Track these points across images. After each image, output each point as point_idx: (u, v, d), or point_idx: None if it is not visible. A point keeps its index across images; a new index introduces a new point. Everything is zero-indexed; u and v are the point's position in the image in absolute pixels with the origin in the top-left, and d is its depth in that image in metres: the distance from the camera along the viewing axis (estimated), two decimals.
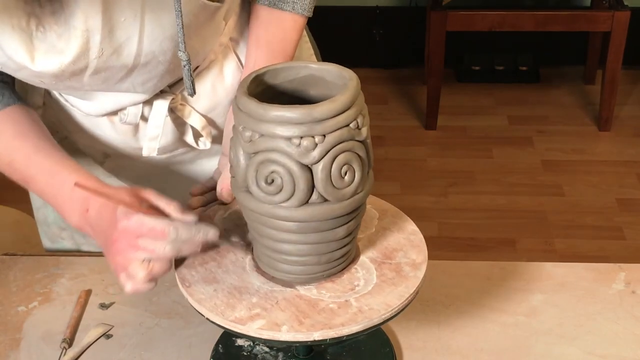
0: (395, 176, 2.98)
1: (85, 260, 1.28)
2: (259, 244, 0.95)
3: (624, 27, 2.98)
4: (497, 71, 3.54)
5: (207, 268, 0.96)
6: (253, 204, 0.89)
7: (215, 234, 0.96)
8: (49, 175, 1.05)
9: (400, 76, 3.61)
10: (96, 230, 1.00)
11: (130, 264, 0.94)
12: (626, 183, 2.93)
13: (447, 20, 3.04)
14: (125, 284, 0.95)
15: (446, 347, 1.10)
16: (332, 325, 0.88)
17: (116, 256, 0.95)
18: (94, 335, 1.13)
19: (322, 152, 0.85)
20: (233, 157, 0.90)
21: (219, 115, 1.23)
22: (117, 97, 1.14)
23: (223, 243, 0.99)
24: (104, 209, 0.98)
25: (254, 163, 0.87)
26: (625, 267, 1.23)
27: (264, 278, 0.95)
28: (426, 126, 3.27)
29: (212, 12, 1.07)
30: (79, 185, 0.97)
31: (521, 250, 2.63)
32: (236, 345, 1.10)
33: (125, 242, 0.94)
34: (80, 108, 1.18)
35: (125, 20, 0.98)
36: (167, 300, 1.18)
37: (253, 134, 0.86)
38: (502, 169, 3.02)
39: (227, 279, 0.95)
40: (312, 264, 0.93)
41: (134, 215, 0.93)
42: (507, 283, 1.20)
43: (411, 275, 0.94)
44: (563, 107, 3.38)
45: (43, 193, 1.07)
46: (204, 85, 1.19)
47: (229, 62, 1.21)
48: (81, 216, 1.01)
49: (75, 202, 1.01)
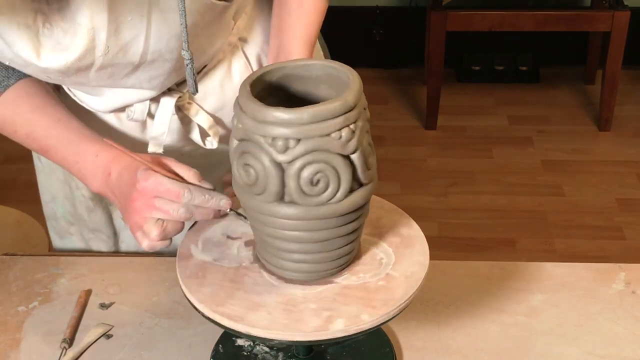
0: (395, 176, 2.98)
1: (85, 260, 1.28)
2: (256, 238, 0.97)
3: (624, 27, 2.98)
4: (497, 71, 3.54)
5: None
6: (237, 192, 0.92)
7: (228, 203, 1.00)
8: (70, 144, 1.08)
9: (400, 76, 3.61)
10: (116, 192, 1.04)
11: (146, 223, 0.98)
12: (626, 183, 2.93)
13: (447, 20, 3.04)
14: (141, 241, 1.00)
15: (446, 347, 1.10)
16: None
17: (134, 215, 0.99)
18: (94, 335, 1.13)
19: (294, 156, 0.85)
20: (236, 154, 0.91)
21: (227, 114, 1.23)
22: (124, 94, 1.15)
23: (233, 213, 1.02)
24: (125, 171, 1.02)
25: (237, 153, 0.89)
26: (625, 267, 1.23)
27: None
28: (426, 126, 3.27)
29: (220, 11, 1.07)
30: (108, 142, 1.03)
31: (521, 250, 2.63)
32: (236, 345, 1.10)
33: (142, 201, 0.98)
34: (88, 104, 1.19)
35: (132, 19, 0.99)
36: (167, 300, 1.18)
37: (237, 123, 0.88)
38: (502, 169, 3.02)
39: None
40: (309, 261, 0.93)
41: (152, 176, 0.97)
42: (507, 283, 1.20)
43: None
44: (563, 107, 3.38)
45: (64, 161, 1.10)
46: (211, 84, 1.20)
47: (237, 62, 1.21)
48: (103, 180, 1.05)
49: (98, 168, 1.05)
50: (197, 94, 1.15)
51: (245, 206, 0.93)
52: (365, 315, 0.90)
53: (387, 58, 3.61)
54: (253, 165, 0.87)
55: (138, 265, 1.25)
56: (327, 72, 0.92)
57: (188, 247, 1.00)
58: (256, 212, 0.91)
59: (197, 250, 1.00)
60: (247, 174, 0.88)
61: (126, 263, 1.26)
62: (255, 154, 0.86)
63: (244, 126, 0.87)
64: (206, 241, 1.01)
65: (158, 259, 1.26)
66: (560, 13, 3.09)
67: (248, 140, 0.87)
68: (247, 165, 0.88)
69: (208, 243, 1.01)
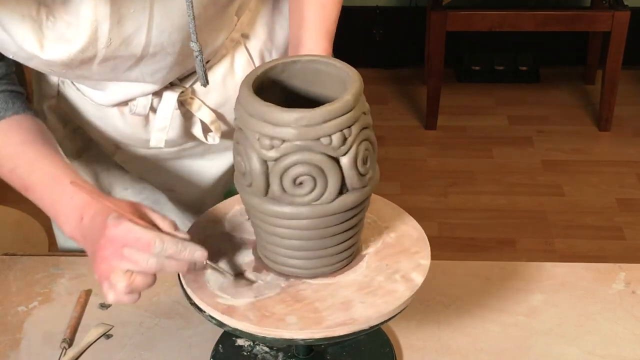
0: (395, 176, 2.97)
1: (85, 260, 1.27)
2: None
3: (624, 27, 2.98)
4: (497, 71, 3.54)
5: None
6: (236, 181, 0.93)
7: (203, 255, 0.92)
8: (50, 181, 1.04)
9: (400, 76, 3.60)
10: (87, 238, 0.97)
11: (113, 273, 0.91)
12: (626, 183, 2.93)
13: (447, 20, 3.04)
14: (107, 294, 0.92)
15: (446, 347, 1.10)
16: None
17: (101, 264, 0.92)
18: (94, 335, 1.13)
19: (279, 155, 0.85)
20: (234, 142, 0.92)
21: (229, 110, 1.23)
22: (127, 87, 1.15)
23: (209, 267, 0.95)
24: (98, 216, 0.95)
25: (234, 142, 0.90)
26: (625, 267, 1.23)
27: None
28: (426, 126, 3.27)
29: (223, 5, 1.08)
30: (75, 183, 0.96)
31: (521, 250, 2.63)
32: (236, 345, 1.10)
33: (111, 250, 0.91)
34: (92, 98, 1.20)
35: (135, 11, 0.99)
36: (167, 300, 1.18)
37: (235, 112, 0.88)
38: (502, 169, 3.02)
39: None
40: (281, 254, 0.94)
41: (123, 223, 0.91)
42: (507, 283, 1.20)
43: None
44: (563, 107, 3.38)
45: (42, 200, 1.05)
46: (214, 79, 1.20)
47: (239, 57, 1.22)
48: (76, 224, 0.99)
49: (72, 210, 0.99)
50: (199, 88, 1.15)
51: (240, 197, 0.93)
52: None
53: (387, 58, 3.61)
54: (242, 157, 0.88)
55: None
56: (329, 70, 0.92)
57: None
58: (247, 205, 0.92)
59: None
60: (238, 165, 0.89)
61: None
62: (245, 147, 0.87)
63: (240, 117, 0.88)
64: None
65: None
66: (560, 13, 3.09)
67: (242, 131, 0.88)
68: (239, 156, 0.89)
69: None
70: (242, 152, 0.88)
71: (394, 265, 0.96)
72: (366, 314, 0.89)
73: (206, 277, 0.95)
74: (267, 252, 0.95)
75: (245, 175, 0.88)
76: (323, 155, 0.85)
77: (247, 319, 0.90)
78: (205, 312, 0.93)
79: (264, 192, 0.88)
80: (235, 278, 0.95)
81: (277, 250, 0.93)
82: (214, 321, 0.92)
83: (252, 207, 0.91)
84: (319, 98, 0.93)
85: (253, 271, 0.96)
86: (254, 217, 0.93)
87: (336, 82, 0.91)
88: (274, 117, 0.84)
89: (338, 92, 0.88)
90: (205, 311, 0.93)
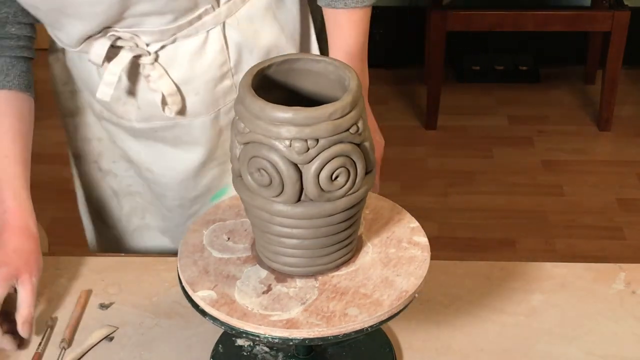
0: (395, 176, 2.97)
1: (85, 260, 1.28)
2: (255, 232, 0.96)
3: (624, 27, 2.98)
4: (497, 71, 3.54)
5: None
6: (245, 195, 0.91)
7: (12, 347, 1.08)
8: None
9: (400, 76, 3.61)
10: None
11: None
12: (626, 183, 2.93)
13: (447, 20, 3.04)
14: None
15: (446, 347, 1.10)
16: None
17: None
18: (97, 337, 1.13)
19: (313, 155, 0.85)
20: (230, 143, 0.91)
21: (191, 91, 1.23)
22: (78, 25, 1.16)
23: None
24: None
25: (245, 158, 0.88)
26: (625, 267, 1.23)
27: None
28: (426, 126, 3.27)
29: None
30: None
31: (521, 250, 2.63)
32: (236, 345, 1.10)
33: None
34: (61, 39, 1.22)
35: None
36: (167, 300, 1.18)
37: (245, 126, 0.86)
38: (502, 169, 3.02)
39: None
40: (307, 256, 0.93)
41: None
42: (507, 283, 1.20)
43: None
44: (563, 107, 3.38)
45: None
46: (182, 50, 1.20)
47: (214, 42, 1.20)
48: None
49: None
50: (163, 58, 1.17)
51: (254, 208, 0.91)
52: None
53: (387, 58, 3.61)
54: (266, 169, 0.86)
55: (138, 265, 1.25)
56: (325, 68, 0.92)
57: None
58: (268, 213, 0.89)
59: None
60: (261, 178, 0.87)
61: (126, 263, 1.26)
62: (270, 158, 0.85)
63: (254, 130, 0.85)
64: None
65: (158, 259, 1.26)
66: (560, 13, 3.09)
67: (258, 143, 0.86)
68: (262, 169, 0.86)
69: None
70: (265, 165, 0.86)
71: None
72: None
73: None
74: (267, 252, 0.95)
75: (272, 186, 0.87)
76: (351, 144, 0.87)
77: (315, 325, 0.88)
78: (265, 334, 0.89)
79: (297, 198, 0.87)
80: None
81: (281, 250, 0.93)
82: (276, 339, 0.89)
83: (277, 215, 0.89)
84: (315, 96, 0.93)
85: (277, 283, 0.95)
86: (267, 222, 0.91)
87: (329, 79, 0.92)
88: (305, 117, 0.83)
89: (335, 88, 0.89)
90: (264, 334, 0.89)
